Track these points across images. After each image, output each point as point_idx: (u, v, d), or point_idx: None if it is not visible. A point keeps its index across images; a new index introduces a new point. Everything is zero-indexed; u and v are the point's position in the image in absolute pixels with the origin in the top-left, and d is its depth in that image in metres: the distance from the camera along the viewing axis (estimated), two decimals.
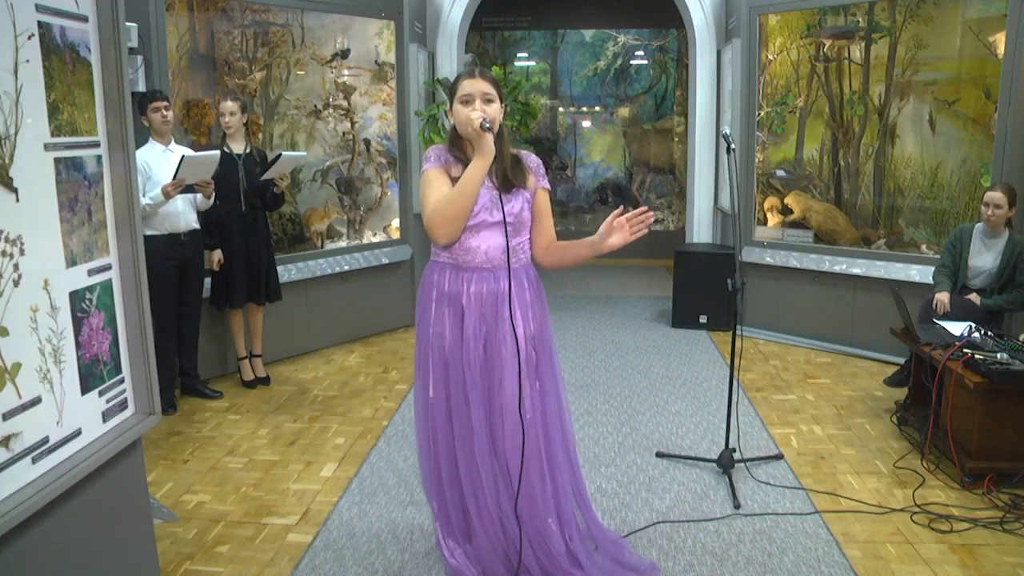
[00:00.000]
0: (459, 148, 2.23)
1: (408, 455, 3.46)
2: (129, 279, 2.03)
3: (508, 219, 2.17)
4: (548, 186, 2.32)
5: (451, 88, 2.20)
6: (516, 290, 2.22)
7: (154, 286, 3.71)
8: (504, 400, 2.23)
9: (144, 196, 3.74)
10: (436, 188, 2.16)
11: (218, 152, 3.86)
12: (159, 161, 3.82)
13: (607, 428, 3.77)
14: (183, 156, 3.67)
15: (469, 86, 2.12)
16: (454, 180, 2.17)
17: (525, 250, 2.29)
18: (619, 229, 2.09)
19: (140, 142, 3.76)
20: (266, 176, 4.10)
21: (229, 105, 4.09)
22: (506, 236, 2.17)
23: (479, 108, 2.10)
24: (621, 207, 2.13)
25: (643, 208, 2.09)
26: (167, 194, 3.70)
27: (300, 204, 5.13)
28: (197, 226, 4.01)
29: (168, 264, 3.86)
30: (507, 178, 2.21)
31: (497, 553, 2.33)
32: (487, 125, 2.04)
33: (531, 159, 2.31)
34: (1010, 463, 3.08)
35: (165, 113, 3.83)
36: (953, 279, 4.03)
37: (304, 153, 4.92)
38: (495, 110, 2.12)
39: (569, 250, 2.27)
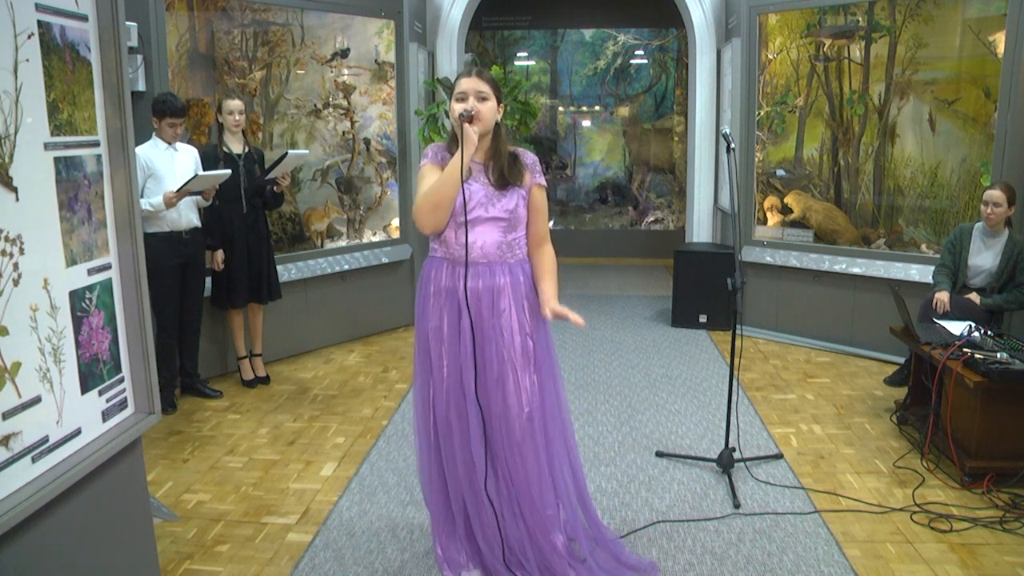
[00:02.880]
0: (455, 145, 2.26)
1: (408, 454, 3.46)
2: (129, 278, 2.03)
3: (503, 215, 2.23)
4: (544, 183, 2.35)
5: (452, 87, 2.27)
6: (512, 284, 2.25)
7: (156, 285, 3.76)
8: (504, 394, 2.23)
9: (145, 194, 3.75)
10: (426, 182, 2.24)
11: (229, 171, 3.88)
12: (163, 159, 3.82)
13: (607, 428, 3.77)
14: (196, 174, 3.70)
15: (465, 84, 2.20)
16: None
17: (521, 246, 2.31)
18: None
19: (143, 139, 3.77)
20: (272, 174, 4.11)
21: (237, 104, 4.09)
22: (466, 230, 2.20)
23: (471, 104, 2.16)
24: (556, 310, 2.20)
25: (577, 319, 2.17)
26: (169, 202, 3.71)
27: (300, 203, 5.13)
28: (199, 224, 4.01)
29: (170, 263, 3.86)
30: (503, 175, 2.25)
31: (495, 553, 2.33)
32: (469, 115, 2.12)
33: (527, 156, 2.34)
34: (1010, 462, 3.08)
35: (178, 130, 3.85)
36: (953, 278, 4.03)
37: (307, 152, 4.92)
38: (488, 108, 2.18)
39: (538, 269, 2.33)
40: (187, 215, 3.93)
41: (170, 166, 3.83)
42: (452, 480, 2.36)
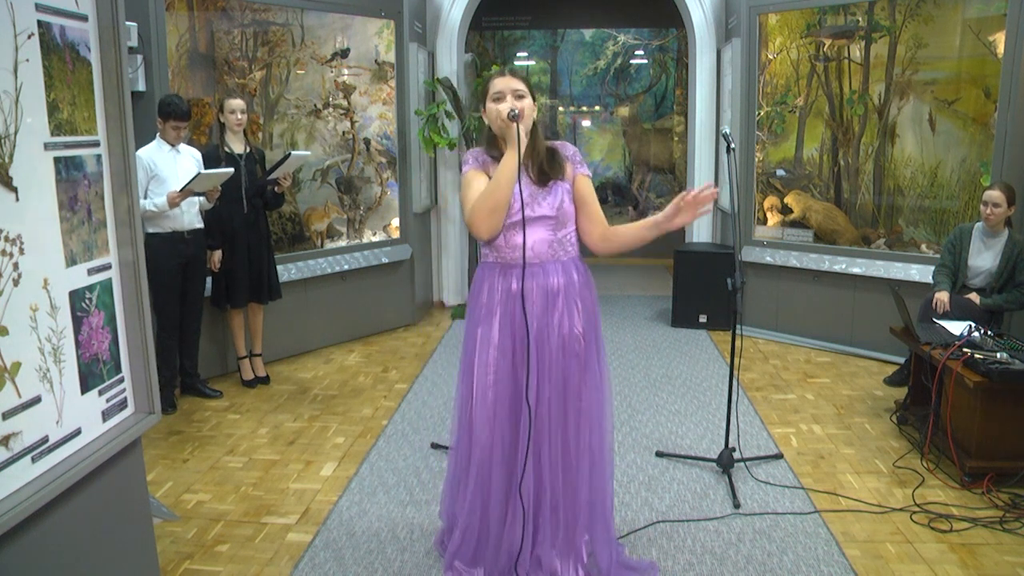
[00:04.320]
0: (495, 147, 2.25)
1: (408, 454, 3.46)
2: (129, 278, 2.03)
3: (550, 212, 2.20)
4: (588, 172, 2.32)
5: (483, 90, 2.25)
6: (566, 284, 2.23)
7: (157, 285, 3.77)
8: (558, 395, 2.22)
9: (147, 195, 3.75)
10: (475, 188, 2.20)
11: (231, 169, 3.88)
12: (166, 160, 3.83)
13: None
14: (198, 173, 3.70)
15: (500, 84, 2.18)
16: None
17: (572, 242, 2.28)
18: (686, 208, 2.13)
19: (146, 140, 3.78)
20: (274, 175, 4.11)
21: (239, 103, 4.10)
22: (524, 230, 2.17)
23: (510, 103, 2.15)
24: (689, 190, 2.15)
25: (707, 184, 2.14)
26: (172, 202, 3.71)
27: (300, 203, 5.13)
28: (200, 225, 4.02)
29: (171, 263, 3.86)
30: (543, 171, 2.23)
31: (511, 558, 2.30)
32: (514, 114, 2.10)
33: (567, 148, 2.32)
34: (1010, 462, 3.08)
35: (182, 133, 3.85)
36: (953, 278, 4.03)
37: (309, 153, 4.93)
38: (527, 105, 2.17)
39: (629, 233, 2.29)
40: (189, 215, 3.93)
41: (173, 167, 3.84)
42: (483, 488, 2.29)
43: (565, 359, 2.23)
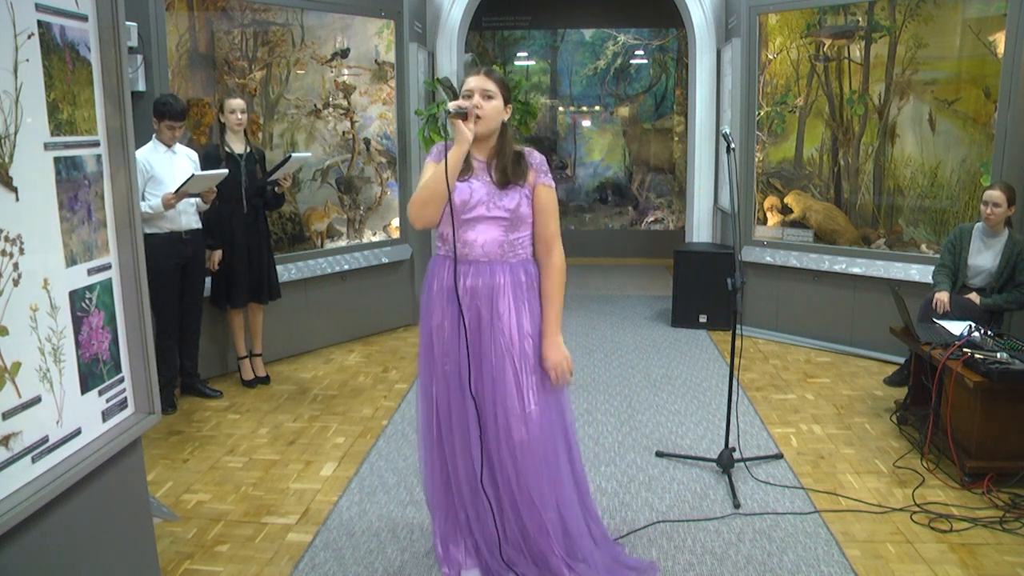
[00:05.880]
0: None
1: (408, 454, 3.46)
2: (129, 278, 2.03)
3: (503, 214, 2.22)
4: (551, 183, 2.30)
5: (460, 87, 2.28)
6: (512, 283, 2.24)
7: (156, 285, 3.74)
8: (504, 393, 2.23)
9: (145, 196, 3.75)
10: (424, 177, 2.22)
11: (227, 171, 3.88)
12: (162, 162, 3.82)
13: (607, 428, 3.77)
14: (192, 174, 3.70)
15: (472, 82, 2.20)
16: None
17: (525, 246, 2.30)
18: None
19: (143, 139, 3.77)
20: (274, 176, 4.11)
21: (239, 103, 4.10)
22: (453, 224, 2.19)
23: (475, 102, 2.16)
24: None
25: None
26: (168, 204, 3.71)
27: (300, 203, 5.13)
28: (198, 225, 4.01)
29: (170, 263, 3.86)
30: (505, 173, 2.23)
31: (492, 550, 2.33)
32: (460, 111, 2.11)
33: (534, 156, 2.32)
34: (1010, 462, 3.08)
35: (177, 133, 3.85)
36: (953, 278, 4.03)
37: (310, 154, 4.93)
38: (492, 107, 2.18)
39: (543, 298, 2.30)
40: (187, 216, 3.93)
41: (169, 168, 3.83)
42: (454, 477, 2.36)
43: (514, 358, 2.22)
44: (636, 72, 8.63)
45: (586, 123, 8.83)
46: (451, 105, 2.14)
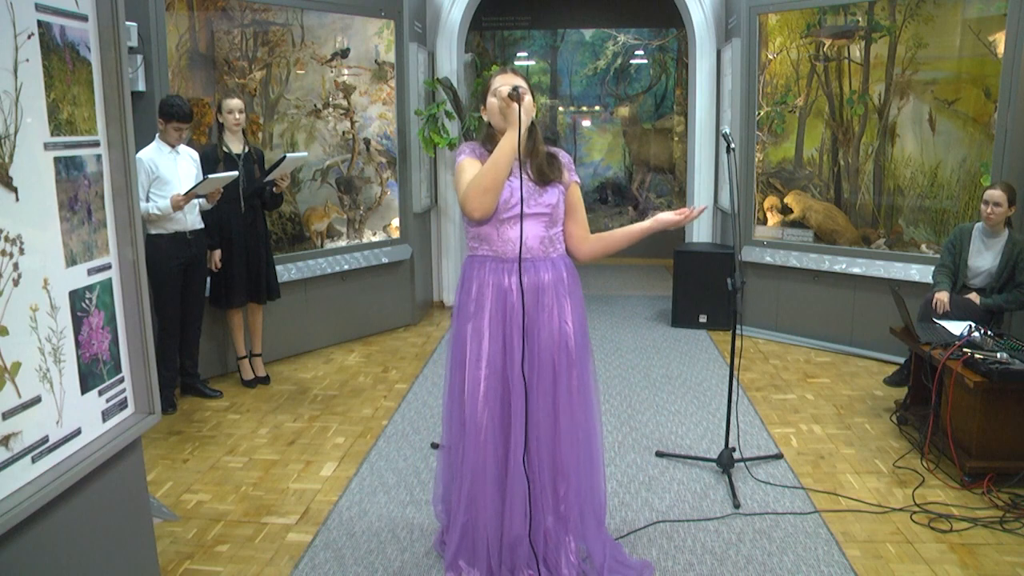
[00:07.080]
0: (493, 142, 2.27)
1: (408, 454, 3.46)
2: (129, 278, 2.03)
3: (545, 210, 2.26)
4: (578, 180, 2.40)
5: (483, 88, 2.31)
6: (555, 280, 2.27)
7: (158, 285, 3.77)
8: (556, 390, 2.26)
9: (151, 197, 3.76)
10: (469, 173, 2.21)
11: (236, 173, 3.89)
12: (167, 162, 3.83)
13: (607, 428, 3.77)
14: (206, 176, 3.70)
15: (501, 80, 2.25)
16: None
17: (561, 240, 2.35)
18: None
19: (146, 140, 3.78)
20: (270, 177, 4.11)
21: (237, 103, 4.10)
22: (521, 208, 2.20)
23: (522, 88, 2.19)
24: (692, 208, 2.30)
25: (704, 207, 2.41)
26: (177, 205, 3.72)
27: (300, 203, 5.13)
28: (202, 225, 4.02)
29: (173, 263, 3.87)
30: (542, 171, 2.28)
31: (522, 533, 2.30)
32: (517, 92, 2.12)
33: (563, 155, 2.38)
34: (1010, 462, 3.08)
35: (183, 134, 3.86)
36: (953, 278, 4.03)
37: (306, 154, 4.92)
38: (529, 99, 2.20)
39: (612, 235, 2.38)
40: (192, 216, 3.93)
41: (174, 169, 3.84)
42: (480, 482, 2.29)
43: (555, 354, 2.26)
44: (636, 72, 8.63)
45: (586, 123, 8.84)
46: (503, 89, 2.15)
